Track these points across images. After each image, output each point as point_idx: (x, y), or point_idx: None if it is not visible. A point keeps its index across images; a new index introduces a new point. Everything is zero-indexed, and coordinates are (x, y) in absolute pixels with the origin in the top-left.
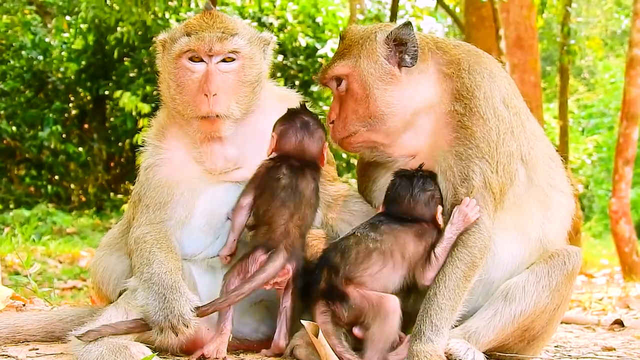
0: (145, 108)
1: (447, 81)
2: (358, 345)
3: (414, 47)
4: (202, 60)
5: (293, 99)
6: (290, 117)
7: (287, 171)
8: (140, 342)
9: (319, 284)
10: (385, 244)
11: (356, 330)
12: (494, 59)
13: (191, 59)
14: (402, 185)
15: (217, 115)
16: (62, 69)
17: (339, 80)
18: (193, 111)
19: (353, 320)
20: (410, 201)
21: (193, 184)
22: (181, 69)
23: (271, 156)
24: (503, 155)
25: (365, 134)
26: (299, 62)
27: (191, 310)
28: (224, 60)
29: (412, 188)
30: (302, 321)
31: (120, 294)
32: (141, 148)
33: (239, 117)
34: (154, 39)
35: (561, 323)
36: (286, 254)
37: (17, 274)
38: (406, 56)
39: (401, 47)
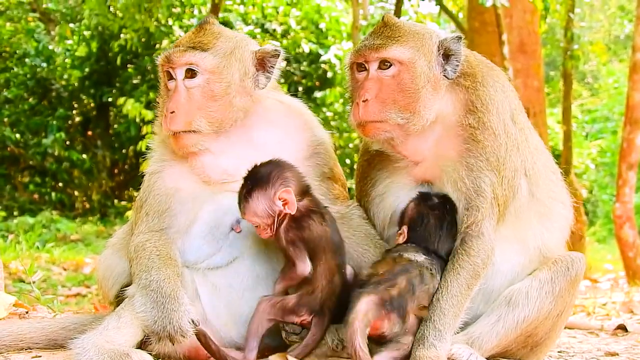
0: (149, 115)
1: (462, 92)
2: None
3: (458, 62)
4: (173, 78)
5: (296, 108)
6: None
7: (324, 218)
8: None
9: (393, 287)
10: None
11: None
12: (502, 71)
13: (168, 75)
14: (432, 223)
15: (176, 133)
16: (65, 76)
17: (387, 63)
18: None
19: (392, 336)
20: (437, 240)
21: (194, 192)
22: (162, 84)
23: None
24: (509, 170)
25: (393, 125)
26: (302, 68)
27: (189, 322)
28: (188, 77)
29: (443, 228)
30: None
31: (117, 295)
32: (147, 154)
33: (212, 132)
34: (157, 45)
35: (564, 328)
36: (328, 316)
37: (21, 281)
38: (448, 68)
39: (446, 58)
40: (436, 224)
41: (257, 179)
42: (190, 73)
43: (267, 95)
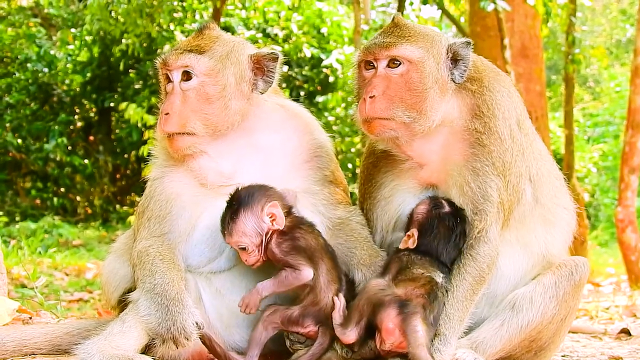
0: (151, 120)
1: (469, 96)
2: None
3: (466, 67)
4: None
5: (296, 111)
6: None
7: (313, 228)
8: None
9: (432, 312)
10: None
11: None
12: (507, 76)
13: (167, 78)
14: (442, 233)
15: (171, 134)
16: (67, 81)
17: (396, 61)
18: None
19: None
20: (445, 251)
21: (196, 197)
22: (162, 88)
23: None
24: (514, 175)
25: (399, 124)
26: (304, 72)
27: (193, 324)
28: (184, 79)
29: (451, 240)
30: None
31: (120, 300)
32: (149, 159)
33: (208, 134)
34: (159, 50)
35: (568, 332)
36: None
37: (23, 286)
38: (456, 72)
39: (454, 62)
40: (446, 234)
41: (241, 199)
42: (186, 76)
43: (267, 99)
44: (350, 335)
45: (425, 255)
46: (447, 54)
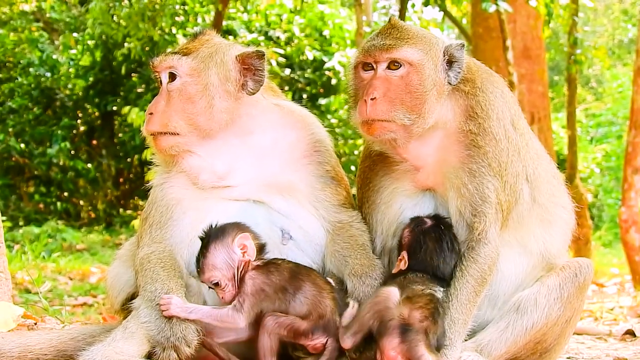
0: None
1: (462, 98)
2: None
3: (460, 69)
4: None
5: (292, 108)
6: None
7: (284, 260)
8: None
9: (435, 334)
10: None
11: None
12: (502, 77)
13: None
14: (431, 247)
15: (154, 134)
16: (70, 86)
17: (396, 63)
18: None
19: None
20: (442, 263)
21: (196, 202)
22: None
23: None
24: (511, 175)
25: (399, 126)
26: (306, 75)
27: (194, 332)
28: (170, 80)
29: (443, 250)
30: None
31: (124, 306)
32: (152, 163)
33: (192, 134)
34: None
35: (573, 334)
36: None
37: (27, 291)
38: (451, 74)
39: (449, 64)
40: (436, 245)
41: (212, 233)
42: (172, 77)
43: (263, 99)
44: (347, 341)
45: (422, 272)
46: (444, 56)
